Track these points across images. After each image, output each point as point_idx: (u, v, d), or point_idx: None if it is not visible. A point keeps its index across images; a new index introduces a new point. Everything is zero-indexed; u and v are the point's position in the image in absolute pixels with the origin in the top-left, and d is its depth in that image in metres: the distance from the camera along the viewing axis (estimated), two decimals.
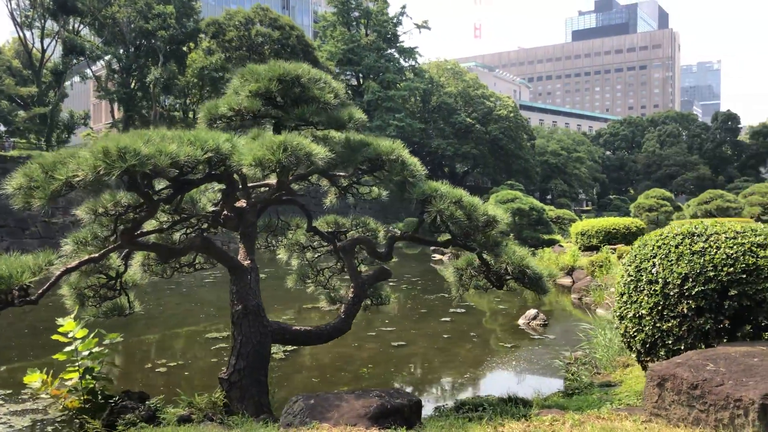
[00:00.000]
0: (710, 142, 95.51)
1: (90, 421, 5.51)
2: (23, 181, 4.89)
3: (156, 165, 4.72)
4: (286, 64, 6.35)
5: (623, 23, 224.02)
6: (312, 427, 4.23)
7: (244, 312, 5.72)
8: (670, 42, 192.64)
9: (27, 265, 5.15)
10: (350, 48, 54.43)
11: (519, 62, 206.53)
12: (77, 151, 5.18)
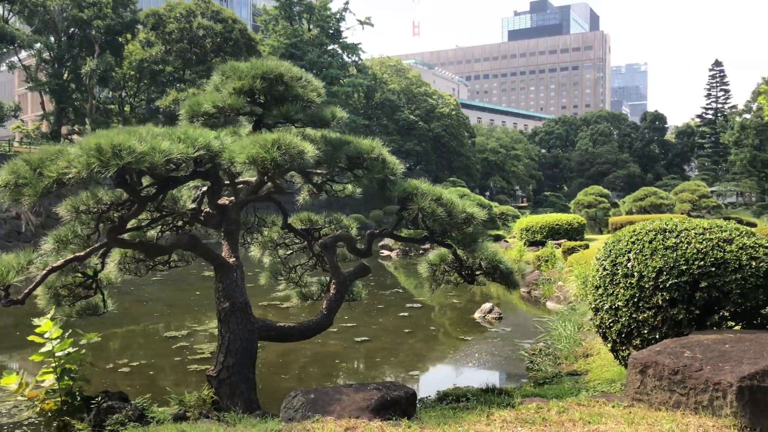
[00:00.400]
0: (639, 141, 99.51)
1: (76, 423, 5.42)
2: (10, 178, 4.77)
3: (152, 163, 4.69)
4: (268, 62, 6.36)
5: (557, 24, 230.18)
6: (317, 421, 4.33)
7: (231, 309, 5.74)
8: (601, 44, 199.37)
9: (11, 265, 5.03)
10: (293, 42, 54.01)
11: (457, 61, 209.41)
12: (64, 148, 5.09)
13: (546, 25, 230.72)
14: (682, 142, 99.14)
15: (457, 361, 9.81)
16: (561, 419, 4.52)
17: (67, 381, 5.96)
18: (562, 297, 14.89)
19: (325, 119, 6.40)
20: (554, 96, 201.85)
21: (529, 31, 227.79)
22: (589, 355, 8.93)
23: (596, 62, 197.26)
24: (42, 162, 4.83)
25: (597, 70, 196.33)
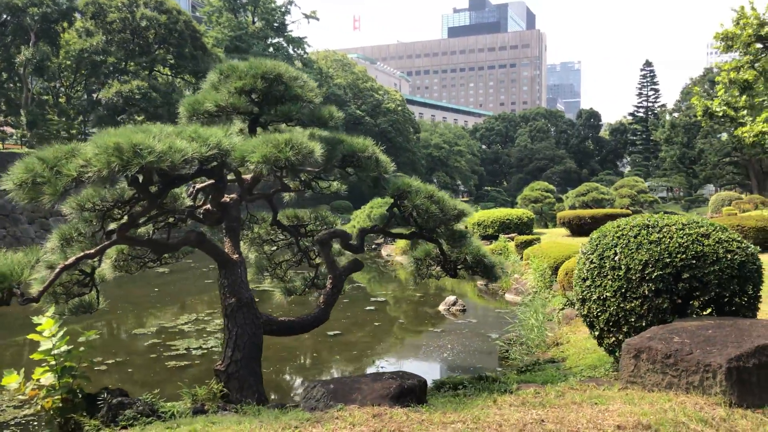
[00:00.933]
0: (575, 137, 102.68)
1: (84, 420, 5.44)
2: (26, 177, 4.77)
3: (172, 162, 4.78)
4: (267, 62, 6.48)
5: (495, 22, 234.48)
6: (342, 409, 4.54)
7: (238, 304, 5.86)
8: (538, 42, 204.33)
9: (23, 263, 5.02)
10: (238, 35, 53.24)
11: (398, 56, 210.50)
12: (76, 147, 5.11)
13: (485, 22, 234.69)
14: (615, 139, 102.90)
15: (433, 352, 10.14)
16: (566, 401, 4.88)
17: (68, 379, 5.95)
18: (520, 289, 15.46)
19: (323, 119, 6.57)
20: (493, 93, 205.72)
21: (468, 29, 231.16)
22: (560, 343, 9.42)
23: (533, 60, 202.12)
24: (58, 160, 4.84)
25: (534, 67, 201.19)
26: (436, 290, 18.11)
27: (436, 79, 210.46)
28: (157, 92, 37.45)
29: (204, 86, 6.74)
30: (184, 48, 40.49)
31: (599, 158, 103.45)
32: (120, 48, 38.59)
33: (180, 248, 6.15)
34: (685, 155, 61.66)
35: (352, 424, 4.11)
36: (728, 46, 27.17)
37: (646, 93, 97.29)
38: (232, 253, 6.08)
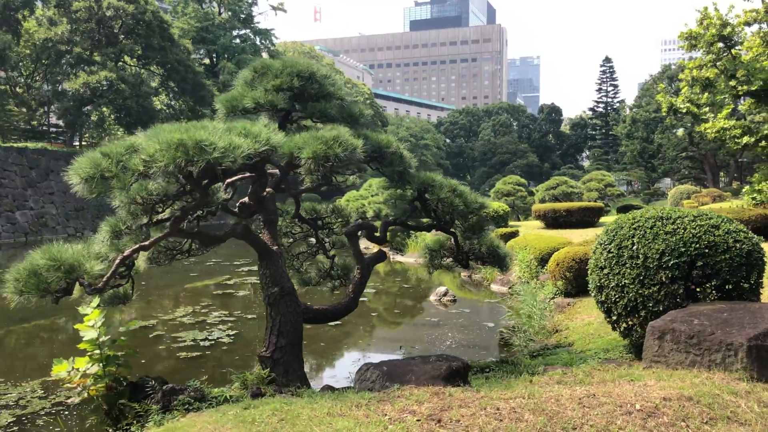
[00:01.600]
0: (537, 132, 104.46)
1: (135, 405, 5.64)
2: (93, 171, 4.95)
3: (234, 158, 5.01)
4: (301, 61, 6.72)
5: (456, 16, 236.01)
6: (398, 389, 4.87)
7: (281, 293, 6.12)
8: (499, 37, 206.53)
9: (86, 254, 5.19)
10: (204, 26, 52.66)
11: (360, 49, 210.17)
12: (135, 142, 5.29)
13: (446, 16, 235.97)
14: (575, 134, 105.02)
15: (436, 340, 10.52)
16: (599, 380, 5.30)
17: (111, 367, 6.13)
18: (505, 280, 15.98)
19: (355, 115, 6.84)
20: (455, 87, 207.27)
21: (430, 22, 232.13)
22: (559, 330, 9.91)
23: (494, 55, 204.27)
24: (121, 156, 5.02)
25: (495, 62, 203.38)
26: (416, 281, 18.55)
27: (399, 72, 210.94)
28: (126, 84, 36.89)
29: (236, 83, 6.95)
30: (152, 39, 39.94)
31: (560, 152, 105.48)
32: (86, 38, 37.85)
33: (226, 239, 6.37)
34: (645, 150, 63.51)
35: (418, 402, 4.44)
36: (692, 45, 28.13)
37: (606, 89, 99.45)
38: (271, 245, 6.33)
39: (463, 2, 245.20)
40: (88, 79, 35.41)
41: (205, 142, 4.92)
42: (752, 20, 26.92)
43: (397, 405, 4.36)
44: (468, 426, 3.82)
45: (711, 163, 62.35)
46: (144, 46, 39.72)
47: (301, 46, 63.63)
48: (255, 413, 4.23)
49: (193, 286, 17.09)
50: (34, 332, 12.26)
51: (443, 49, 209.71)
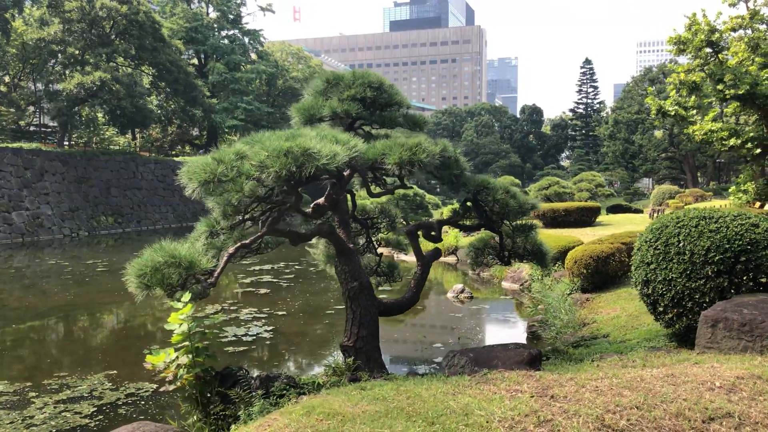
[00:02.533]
0: (519, 132, 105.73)
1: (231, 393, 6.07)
2: (208, 176, 5.38)
3: (337, 164, 5.48)
4: (370, 73, 7.21)
5: (436, 17, 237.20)
6: (487, 373, 5.37)
7: (360, 288, 6.60)
8: (479, 38, 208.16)
9: (200, 251, 5.62)
10: (193, 26, 52.68)
11: (341, 48, 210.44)
12: (241, 150, 5.73)
13: (425, 17, 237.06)
14: (556, 134, 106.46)
15: (468, 333, 11.05)
16: (660, 363, 5.87)
17: (200, 358, 6.56)
18: (516, 277, 16.58)
19: (418, 122, 7.34)
20: (435, 87, 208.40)
21: (409, 23, 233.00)
22: (586, 324, 10.50)
23: (474, 56, 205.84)
24: (234, 162, 5.46)
25: (475, 63, 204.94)
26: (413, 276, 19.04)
27: (379, 72, 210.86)
28: (120, 84, 36.90)
29: (307, 93, 7.41)
30: (145, 39, 39.97)
31: (541, 153, 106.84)
32: (79, 38, 37.76)
33: (312, 238, 6.82)
34: (627, 150, 64.85)
35: (517, 382, 4.95)
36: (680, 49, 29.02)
37: (586, 90, 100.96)
38: (347, 243, 6.80)
39: (443, 3, 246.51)
40: (83, 80, 35.35)
41: (312, 150, 5.38)
42: (738, 26, 27.93)
43: (501, 385, 4.87)
44: (578, 400, 4.34)
45: (691, 164, 63.86)
46: (137, 46, 39.72)
47: (289, 46, 63.83)
48: (380, 392, 4.71)
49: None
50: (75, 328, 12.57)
51: (423, 49, 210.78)
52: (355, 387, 5.15)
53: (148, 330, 12.47)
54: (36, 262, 22.73)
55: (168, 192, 44.18)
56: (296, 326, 12.11)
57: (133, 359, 9.61)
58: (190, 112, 46.08)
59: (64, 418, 6.97)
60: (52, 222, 33.60)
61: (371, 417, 4.13)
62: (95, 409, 7.30)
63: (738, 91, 25.62)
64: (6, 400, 7.62)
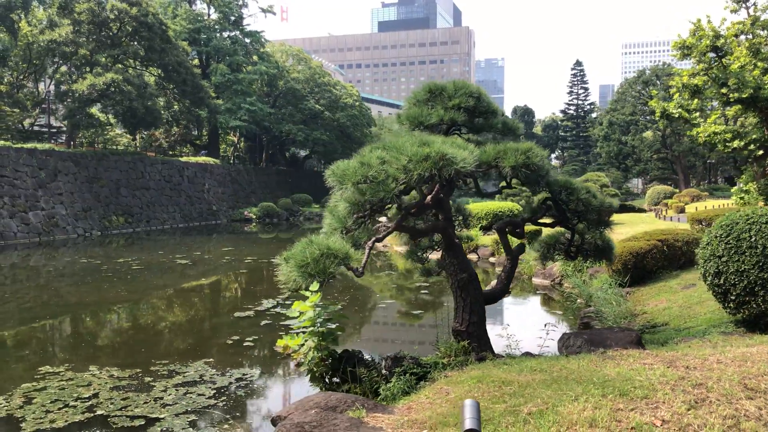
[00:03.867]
0: None
1: (361, 372, 6.76)
2: (360, 178, 6.06)
3: (468, 166, 6.19)
4: (470, 84, 7.91)
5: (424, 17, 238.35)
6: (606, 351, 6.11)
7: (468, 278, 7.31)
8: (467, 39, 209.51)
9: (345, 245, 6.30)
10: (196, 28, 53.05)
11: (330, 49, 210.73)
12: (380, 154, 6.40)
13: (413, 17, 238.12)
14: (548, 135, 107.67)
15: (527, 322, 11.80)
16: (745, 344, 6.63)
17: (326, 342, 7.24)
18: (547, 273, 17.36)
19: (514, 129, 8.06)
20: None
21: (397, 23, 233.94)
22: (636, 315, 11.28)
23: (462, 57, 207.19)
24: (380, 166, 6.14)
25: (463, 64, 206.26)
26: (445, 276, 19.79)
27: (368, 72, 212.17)
28: (131, 85, 37.29)
29: (407, 101, 8.11)
30: (154, 41, 40.35)
31: None
32: (90, 40, 38.09)
33: (428, 233, 7.51)
34: (621, 151, 66.10)
35: (640, 358, 5.69)
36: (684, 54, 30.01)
37: (577, 91, 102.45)
38: (455, 238, 7.51)
39: (430, 4, 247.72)
40: (95, 81, 35.70)
41: (449, 155, 6.08)
42: (739, 32, 29.01)
43: (628, 360, 5.61)
44: (709, 369, 5.09)
45: (683, 165, 65.23)
46: (146, 47, 40.10)
47: (289, 48, 64.36)
48: (528, 365, 5.43)
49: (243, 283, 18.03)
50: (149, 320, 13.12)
51: (412, 50, 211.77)
52: (495, 363, 5.87)
53: (221, 320, 13.03)
54: (67, 261, 23.18)
55: (175, 192, 44.60)
56: (354, 318, 12.79)
57: (224, 347, 10.24)
58: (196, 112, 46.50)
59: (191, 399, 7.61)
60: (67, 222, 33.95)
61: (542, 383, 4.85)
62: (215, 392, 7.94)
63: (742, 94, 26.63)
64: (127, 384, 8.24)
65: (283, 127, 57.10)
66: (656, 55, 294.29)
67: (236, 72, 53.29)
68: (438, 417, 4.41)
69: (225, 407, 7.44)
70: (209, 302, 15.48)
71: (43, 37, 36.76)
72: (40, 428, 6.69)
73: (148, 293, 16.41)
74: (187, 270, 20.67)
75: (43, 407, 7.34)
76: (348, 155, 30.49)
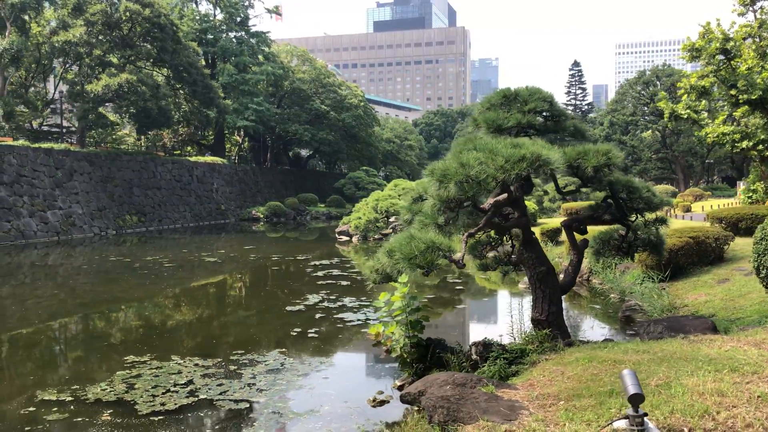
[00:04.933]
0: None
1: (448, 357, 7.29)
2: (462, 177, 6.58)
3: (559, 166, 6.72)
4: (542, 90, 8.44)
5: (419, 18, 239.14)
6: (688, 336, 6.66)
7: (547, 271, 7.85)
8: (463, 39, 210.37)
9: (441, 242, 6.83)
10: (203, 28, 53.43)
11: (326, 48, 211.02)
12: (475, 155, 6.92)
13: (409, 17, 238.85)
14: None
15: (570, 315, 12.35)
16: None
17: (414, 330, 7.76)
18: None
19: (583, 132, 8.60)
20: (420, 88, 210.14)
21: (393, 23, 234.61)
22: (675, 307, 11.84)
23: (458, 56, 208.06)
24: (479, 167, 6.66)
25: (459, 64, 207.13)
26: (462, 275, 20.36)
27: (364, 72, 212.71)
28: (146, 86, 37.66)
29: (481, 105, 8.65)
30: (166, 42, 40.73)
31: None
32: (104, 41, 38.43)
33: (513, 228, 8.05)
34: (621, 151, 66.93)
35: (725, 341, 6.23)
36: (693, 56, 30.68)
37: (575, 92, 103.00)
38: (532, 235, 8.05)
39: (425, 4, 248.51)
40: (110, 81, 36.06)
41: (544, 156, 6.62)
42: (746, 35, 29.74)
43: (716, 343, 6.15)
44: None
45: (683, 165, 66.08)
46: (159, 48, 40.46)
47: (294, 48, 64.82)
48: (625, 348, 5.97)
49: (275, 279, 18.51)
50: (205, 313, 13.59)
51: (408, 50, 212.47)
52: (592, 347, 6.41)
53: (275, 314, 13.47)
54: (97, 259, 23.60)
55: (185, 192, 44.98)
56: None
57: (292, 338, 10.73)
58: (204, 112, 46.89)
59: (282, 384, 8.10)
60: (83, 221, 34.31)
61: (652, 362, 5.38)
62: (301, 377, 8.44)
63: (751, 96, 27.32)
64: (215, 371, 8.72)
65: (290, 127, 57.55)
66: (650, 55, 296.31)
67: (243, 72, 53.69)
68: (568, 391, 4.94)
69: (318, 392, 7.94)
70: (255, 298, 15.94)
71: (56, 38, 37.05)
72: (154, 410, 7.18)
73: (192, 290, 16.88)
74: (219, 267, 21.14)
75: (147, 392, 7.82)
76: (353, 155, 32.42)
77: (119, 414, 7.13)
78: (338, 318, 12.34)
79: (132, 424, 6.82)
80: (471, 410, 4.80)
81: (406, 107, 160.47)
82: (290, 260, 22.60)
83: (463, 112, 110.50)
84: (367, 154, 62.05)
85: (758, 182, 29.01)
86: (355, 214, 31.57)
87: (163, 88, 40.18)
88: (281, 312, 13.31)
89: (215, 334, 11.58)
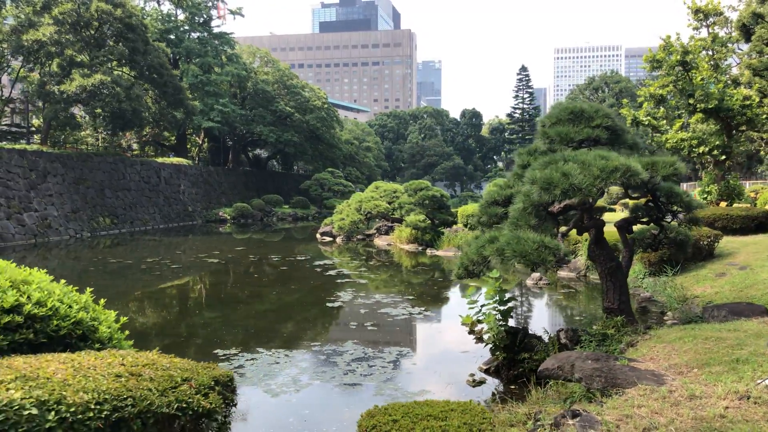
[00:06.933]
0: (460, 135, 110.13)
1: (537, 343, 8.36)
2: (545, 184, 7.67)
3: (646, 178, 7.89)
4: (603, 107, 9.61)
5: (365, 19, 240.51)
6: (747, 320, 7.94)
7: (616, 266, 9.03)
8: (409, 41, 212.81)
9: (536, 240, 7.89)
10: (167, 29, 53.00)
11: (272, 48, 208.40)
12: (562, 168, 8.02)
13: (354, 19, 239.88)
14: (494, 138, 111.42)
15: (587, 307, 13.66)
16: None
17: (504, 320, 8.80)
18: (572, 267, 19.36)
19: (637, 145, 9.82)
20: (367, 89, 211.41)
21: (339, 24, 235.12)
22: (687, 298, 13.28)
23: (404, 59, 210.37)
24: (576, 176, 7.76)
25: (405, 66, 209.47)
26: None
27: (311, 73, 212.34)
28: (120, 87, 37.38)
29: (547, 119, 9.76)
30: (137, 42, 40.44)
31: (481, 155, 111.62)
32: (76, 41, 37.90)
33: (592, 227, 9.18)
34: None
35: None
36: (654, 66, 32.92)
37: (522, 96, 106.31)
38: (602, 235, 9.22)
39: (371, 6, 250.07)
40: (84, 82, 35.67)
41: (634, 168, 7.78)
42: (701, 48, 32.24)
43: None
44: None
45: None
46: (131, 49, 40.14)
47: (257, 49, 64.84)
48: (713, 327, 7.18)
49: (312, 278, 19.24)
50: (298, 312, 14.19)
51: (354, 51, 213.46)
52: (683, 328, 7.61)
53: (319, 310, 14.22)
54: (95, 261, 23.63)
55: (153, 193, 44.68)
56: (437, 307, 14.33)
57: (354, 330, 11.58)
58: (170, 114, 46.67)
59: (379, 370, 9.00)
60: (59, 223, 33.86)
61: (748, 336, 6.59)
62: (391, 363, 9.36)
63: (708, 105, 29.67)
64: (310, 361, 9.53)
65: (255, 128, 57.66)
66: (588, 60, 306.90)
67: (207, 73, 53.54)
68: (695, 361, 6.08)
69: (416, 376, 8.87)
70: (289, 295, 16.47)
71: (26, 36, 36.32)
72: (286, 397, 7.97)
73: (218, 289, 17.41)
74: (226, 267, 21.62)
75: (261, 380, 8.58)
76: (317, 156, 34.07)
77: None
78: (383, 313, 13.23)
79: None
80: (624, 377, 5.88)
81: (355, 108, 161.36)
82: (292, 261, 23.26)
83: (414, 114, 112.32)
84: (329, 155, 62.74)
85: (712, 184, 31.36)
86: (338, 215, 32.34)
87: (138, 88, 39.88)
88: (324, 308, 14.09)
89: (281, 329, 12.26)
